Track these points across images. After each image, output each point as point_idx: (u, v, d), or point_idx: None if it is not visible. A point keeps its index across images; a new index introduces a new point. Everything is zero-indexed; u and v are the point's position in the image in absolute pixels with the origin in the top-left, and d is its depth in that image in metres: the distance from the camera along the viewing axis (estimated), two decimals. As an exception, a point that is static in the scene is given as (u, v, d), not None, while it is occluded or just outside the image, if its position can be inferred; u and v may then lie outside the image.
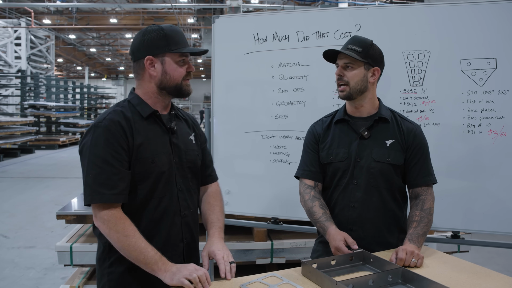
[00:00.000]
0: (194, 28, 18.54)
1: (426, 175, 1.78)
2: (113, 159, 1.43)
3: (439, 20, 2.29)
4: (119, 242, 1.40)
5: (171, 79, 1.53)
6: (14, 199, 7.10)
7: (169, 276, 1.35)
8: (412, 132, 1.79)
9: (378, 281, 1.38)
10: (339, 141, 1.83)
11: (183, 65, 1.55)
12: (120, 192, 1.43)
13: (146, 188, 1.50)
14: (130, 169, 1.48)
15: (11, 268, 4.11)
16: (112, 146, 1.44)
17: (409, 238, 1.64)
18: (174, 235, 1.57)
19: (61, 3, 15.26)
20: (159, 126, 1.57)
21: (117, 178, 1.43)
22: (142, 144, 1.49)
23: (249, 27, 2.62)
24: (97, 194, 1.41)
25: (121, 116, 1.49)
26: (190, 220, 1.63)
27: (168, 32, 1.52)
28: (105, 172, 1.42)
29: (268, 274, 1.45)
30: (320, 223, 1.75)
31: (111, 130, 1.45)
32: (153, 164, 1.50)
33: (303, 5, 13.63)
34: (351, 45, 1.75)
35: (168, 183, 1.55)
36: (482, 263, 2.18)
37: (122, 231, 1.40)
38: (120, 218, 1.42)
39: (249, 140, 2.65)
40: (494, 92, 2.21)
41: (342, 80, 1.77)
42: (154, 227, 1.53)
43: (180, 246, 1.59)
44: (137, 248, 1.38)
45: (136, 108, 1.54)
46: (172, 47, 1.51)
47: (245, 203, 2.70)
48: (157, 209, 1.53)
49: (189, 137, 1.67)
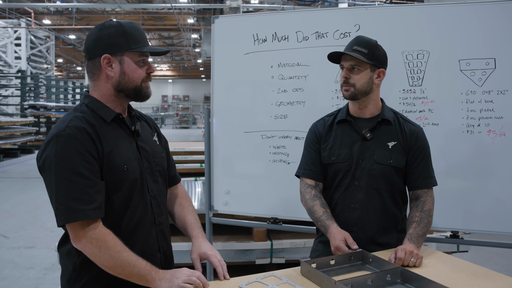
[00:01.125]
0: (194, 29, 18.54)
1: (427, 178, 1.77)
2: (85, 170, 1.27)
3: (438, 20, 2.30)
4: (112, 259, 1.27)
5: (130, 81, 1.40)
6: (14, 199, 7.10)
7: (166, 283, 1.28)
8: (415, 134, 1.78)
9: (377, 280, 1.38)
10: (341, 141, 1.82)
11: (143, 65, 1.42)
12: (99, 206, 1.29)
13: (120, 198, 1.37)
14: (103, 179, 1.33)
15: (11, 268, 4.11)
16: (82, 156, 1.27)
17: (409, 238, 1.64)
18: (150, 245, 1.47)
19: (61, 3, 15.24)
20: (123, 130, 1.44)
21: (93, 191, 1.28)
22: (112, 151, 1.35)
23: (249, 27, 2.63)
24: (74, 211, 1.24)
25: (84, 122, 1.33)
26: (165, 227, 1.54)
27: (127, 29, 1.38)
28: (78, 185, 1.25)
29: (267, 274, 1.45)
30: (321, 221, 1.75)
31: (78, 138, 1.29)
32: (125, 172, 1.37)
33: (303, 5, 13.63)
34: (357, 46, 1.71)
35: (142, 190, 1.43)
36: (481, 263, 2.19)
37: (113, 247, 1.27)
38: (108, 234, 1.29)
39: (249, 140, 2.66)
40: (493, 92, 2.22)
41: (348, 83, 1.74)
42: (130, 238, 1.39)
43: (158, 256, 1.49)
44: (130, 263, 1.28)
45: (96, 113, 1.39)
46: (131, 46, 1.37)
47: (245, 203, 2.70)
48: (132, 220, 1.41)
49: (153, 138, 1.57)
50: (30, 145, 13.87)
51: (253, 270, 1.95)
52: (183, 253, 2.75)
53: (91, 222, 1.28)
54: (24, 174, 9.58)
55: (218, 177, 2.75)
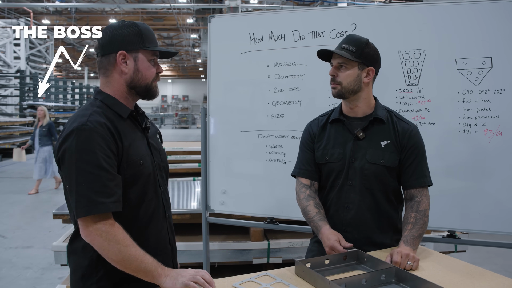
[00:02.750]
0: (193, 29, 18.54)
1: (421, 177, 1.74)
2: (106, 163, 1.30)
3: (435, 19, 2.29)
4: (120, 253, 1.28)
5: (143, 78, 1.45)
6: (12, 199, 7.09)
7: (170, 280, 1.29)
8: (408, 132, 1.75)
9: (371, 280, 1.37)
10: (334, 141, 1.80)
11: (154, 65, 1.49)
12: (118, 199, 1.32)
13: (137, 192, 1.42)
14: (120, 173, 1.37)
15: (8, 268, 4.11)
16: (103, 150, 1.31)
17: (404, 241, 1.61)
18: (163, 238, 1.53)
19: (60, 3, 15.24)
20: (136, 126, 1.50)
21: (113, 184, 1.31)
22: (130, 146, 1.41)
23: (245, 26, 2.62)
24: (95, 204, 1.27)
25: (104, 117, 1.38)
26: (172, 221, 1.61)
27: (142, 29, 1.45)
28: (100, 178, 1.28)
29: (261, 273, 1.44)
30: (314, 222, 1.74)
31: (100, 133, 1.32)
32: (141, 166, 1.43)
33: (302, 5, 13.62)
34: (345, 44, 1.72)
35: (154, 185, 1.50)
36: (480, 263, 2.18)
37: (122, 241, 1.29)
38: (118, 228, 1.31)
39: (245, 140, 2.65)
40: (490, 91, 2.21)
41: (335, 81, 1.74)
42: (145, 232, 1.45)
43: (169, 248, 1.56)
44: (138, 258, 1.29)
45: (112, 109, 1.43)
46: (146, 44, 1.44)
47: (242, 203, 2.69)
48: (147, 213, 1.46)
49: (156, 136, 1.63)
50: (29, 145, 13.84)
51: (250, 270, 1.94)
52: (179, 252, 2.74)
53: (105, 216, 1.30)
54: (22, 174, 9.58)
55: (215, 176, 2.74)
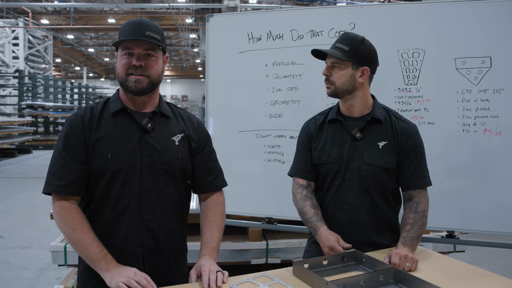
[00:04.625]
0: (192, 28, 18.52)
1: (420, 178, 1.71)
2: (66, 152, 1.45)
3: (434, 19, 2.28)
4: (66, 234, 1.41)
5: (118, 73, 1.49)
6: (10, 199, 7.08)
7: (109, 277, 1.31)
8: (406, 132, 1.72)
9: (369, 281, 1.36)
10: (332, 141, 1.78)
11: (129, 57, 1.45)
12: (66, 184, 1.43)
13: (103, 184, 1.47)
14: (88, 163, 1.47)
15: (6, 269, 4.09)
16: (68, 139, 1.46)
17: (402, 242, 1.59)
18: (132, 238, 1.48)
19: (59, 3, 15.22)
20: (129, 123, 1.51)
21: (66, 170, 1.44)
22: (100, 139, 1.47)
23: (243, 26, 2.61)
24: (47, 183, 1.45)
25: (87, 112, 1.51)
26: (155, 226, 1.51)
27: (125, 25, 1.47)
28: (57, 164, 1.45)
29: (259, 274, 1.44)
30: (311, 223, 1.72)
31: (72, 124, 1.48)
32: (109, 160, 1.45)
33: (301, 5, 13.60)
34: (339, 44, 1.68)
35: (129, 182, 1.47)
36: (479, 263, 2.18)
37: (70, 224, 1.40)
38: (70, 211, 1.42)
39: (243, 140, 2.64)
40: (489, 91, 2.20)
41: (329, 80, 1.72)
42: (112, 227, 1.48)
43: (139, 251, 1.49)
44: (82, 243, 1.38)
45: (110, 105, 1.54)
46: (119, 38, 1.46)
47: (240, 203, 2.68)
48: (115, 208, 1.47)
49: (172, 137, 1.56)
50: (28, 145, 13.84)
51: (249, 270, 1.93)
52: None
53: (63, 197, 1.44)
54: (21, 174, 9.56)
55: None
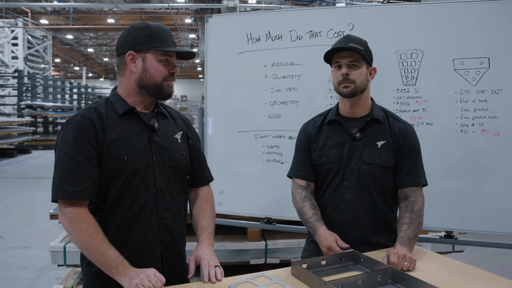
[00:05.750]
0: (192, 29, 18.51)
1: (415, 176, 1.74)
2: (79, 155, 1.40)
3: (432, 20, 2.29)
4: (81, 241, 1.36)
5: (151, 78, 1.49)
6: (10, 200, 7.07)
7: (127, 281, 1.31)
8: (403, 132, 1.76)
9: (367, 281, 1.37)
10: (331, 142, 1.80)
11: (167, 65, 1.51)
12: (83, 189, 1.39)
13: (118, 187, 1.45)
14: (101, 166, 1.44)
15: (5, 269, 4.09)
16: (79, 142, 1.41)
17: (400, 241, 1.61)
18: (150, 237, 1.51)
19: (58, 3, 15.20)
20: (137, 123, 1.52)
21: (82, 175, 1.39)
22: (114, 141, 1.45)
23: (242, 26, 2.61)
24: (61, 190, 1.38)
25: (93, 113, 1.46)
26: (171, 223, 1.56)
27: (154, 30, 1.49)
28: (70, 168, 1.39)
29: (258, 274, 1.44)
30: (310, 223, 1.74)
31: (80, 126, 1.42)
32: (125, 162, 1.45)
33: (300, 5, 13.61)
34: (352, 44, 1.69)
35: (144, 183, 1.49)
36: (478, 263, 2.18)
37: (84, 230, 1.36)
38: (84, 217, 1.39)
39: (242, 140, 2.64)
40: (487, 91, 2.21)
41: (349, 79, 1.70)
42: (128, 229, 1.48)
43: (157, 249, 1.53)
44: (98, 250, 1.35)
45: (113, 106, 1.51)
46: (155, 45, 1.48)
47: (239, 203, 2.69)
48: (131, 210, 1.47)
49: (174, 136, 1.61)
50: (27, 145, 13.83)
51: (248, 270, 1.94)
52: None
53: (75, 203, 1.39)
54: (20, 174, 9.55)
55: (213, 177, 2.73)
